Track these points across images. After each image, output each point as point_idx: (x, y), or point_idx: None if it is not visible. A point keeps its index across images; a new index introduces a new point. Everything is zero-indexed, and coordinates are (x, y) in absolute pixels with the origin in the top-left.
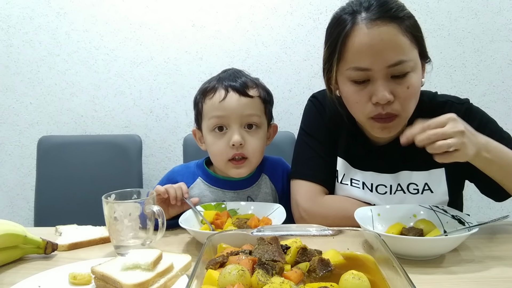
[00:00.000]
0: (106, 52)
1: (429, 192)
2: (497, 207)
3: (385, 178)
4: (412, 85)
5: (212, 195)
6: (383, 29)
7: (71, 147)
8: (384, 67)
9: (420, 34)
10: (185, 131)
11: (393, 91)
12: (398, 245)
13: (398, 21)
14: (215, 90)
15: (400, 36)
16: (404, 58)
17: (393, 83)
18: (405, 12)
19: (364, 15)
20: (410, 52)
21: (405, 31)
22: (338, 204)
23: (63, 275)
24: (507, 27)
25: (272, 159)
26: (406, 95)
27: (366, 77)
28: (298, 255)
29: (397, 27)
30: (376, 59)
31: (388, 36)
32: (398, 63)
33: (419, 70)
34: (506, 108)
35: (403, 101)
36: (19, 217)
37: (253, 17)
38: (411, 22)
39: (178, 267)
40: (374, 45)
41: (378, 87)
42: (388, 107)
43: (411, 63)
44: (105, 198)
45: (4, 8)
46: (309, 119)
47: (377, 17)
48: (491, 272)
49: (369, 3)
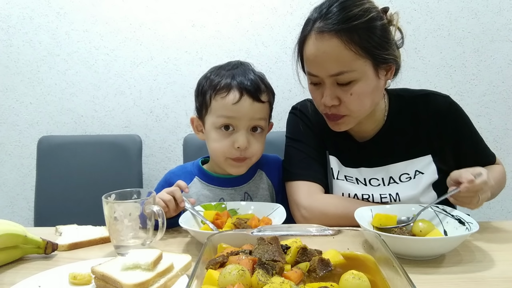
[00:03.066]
0: (106, 52)
1: (420, 175)
2: (497, 207)
3: (376, 172)
4: (356, 92)
5: (210, 193)
6: (326, 43)
7: (71, 147)
8: (326, 75)
9: (374, 43)
10: (185, 131)
11: (339, 96)
12: (398, 245)
13: (344, 35)
14: (229, 90)
15: (342, 49)
16: (344, 69)
17: (338, 89)
18: (359, 22)
19: (317, 25)
20: (354, 63)
21: (350, 44)
22: (337, 201)
23: (63, 275)
24: (507, 27)
25: (268, 156)
26: (350, 100)
27: (318, 81)
28: (298, 255)
29: (340, 41)
30: (320, 69)
31: (330, 49)
32: (339, 74)
33: (366, 78)
34: (506, 108)
35: (348, 105)
36: (19, 217)
37: (253, 17)
38: (363, 33)
39: (178, 267)
40: (318, 56)
41: (324, 91)
42: (334, 109)
43: (354, 73)
44: (105, 198)
45: (4, 8)
46: (293, 127)
47: (325, 30)
48: (491, 272)
49: (327, 11)
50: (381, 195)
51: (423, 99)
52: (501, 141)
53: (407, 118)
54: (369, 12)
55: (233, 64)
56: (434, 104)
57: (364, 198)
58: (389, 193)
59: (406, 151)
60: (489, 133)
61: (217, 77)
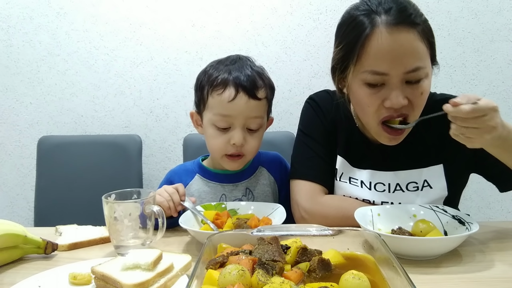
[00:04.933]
0: (106, 52)
1: (428, 188)
2: (497, 207)
3: (384, 176)
4: (425, 91)
5: (211, 189)
6: (403, 35)
7: (71, 147)
8: (401, 72)
9: (433, 39)
10: (185, 131)
11: (407, 96)
12: (398, 245)
13: (417, 27)
14: (225, 86)
15: (418, 42)
16: (421, 64)
17: (407, 88)
18: (422, 18)
19: (384, 18)
20: (426, 58)
21: (423, 37)
22: (338, 203)
23: (63, 275)
24: (507, 27)
25: (269, 153)
26: (419, 100)
27: (382, 81)
28: (298, 255)
29: (416, 33)
30: (395, 65)
31: (408, 42)
32: (415, 70)
33: (430, 76)
34: (506, 108)
35: (415, 106)
36: (19, 217)
37: (253, 17)
38: (427, 27)
39: (178, 267)
40: (394, 50)
41: (393, 92)
42: (402, 112)
43: (426, 69)
44: (105, 198)
45: (4, 8)
46: (306, 120)
47: (397, 21)
48: (491, 272)
49: (389, 6)
50: (383, 203)
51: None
52: None
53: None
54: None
55: (232, 59)
56: None
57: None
58: (391, 201)
59: (419, 159)
60: None
61: (215, 71)
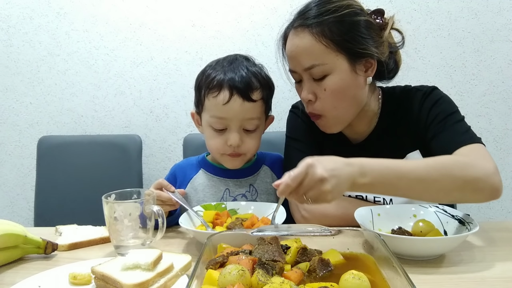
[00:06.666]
0: (106, 52)
1: None
2: (497, 207)
3: None
4: (329, 87)
5: (215, 184)
6: (299, 38)
7: (71, 147)
8: (301, 70)
9: (346, 37)
10: (185, 131)
11: (315, 91)
12: (398, 245)
13: (315, 29)
14: (220, 89)
15: (313, 43)
16: (316, 62)
17: (314, 84)
18: (331, 17)
19: (295, 23)
20: (325, 56)
21: (321, 38)
22: (337, 202)
23: (63, 275)
24: (507, 27)
25: (272, 154)
26: (325, 96)
27: (299, 78)
28: (298, 255)
29: (311, 35)
30: (294, 63)
31: (302, 43)
32: (311, 67)
33: (339, 72)
34: (506, 108)
35: (323, 102)
36: (19, 217)
37: (253, 17)
38: (334, 27)
39: (178, 267)
40: (292, 51)
41: (302, 86)
42: (310, 107)
43: (326, 66)
44: (105, 198)
45: (4, 8)
46: (292, 126)
47: (297, 25)
48: (491, 272)
49: (304, 10)
50: (375, 197)
51: (405, 97)
52: (501, 141)
53: (398, 117)
54: (344, 7)
55: (228, 60)
56: (420, 97)
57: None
58: (383, 196)
59: (399, 150)
60: (489, 133)
61: (212, 72)
